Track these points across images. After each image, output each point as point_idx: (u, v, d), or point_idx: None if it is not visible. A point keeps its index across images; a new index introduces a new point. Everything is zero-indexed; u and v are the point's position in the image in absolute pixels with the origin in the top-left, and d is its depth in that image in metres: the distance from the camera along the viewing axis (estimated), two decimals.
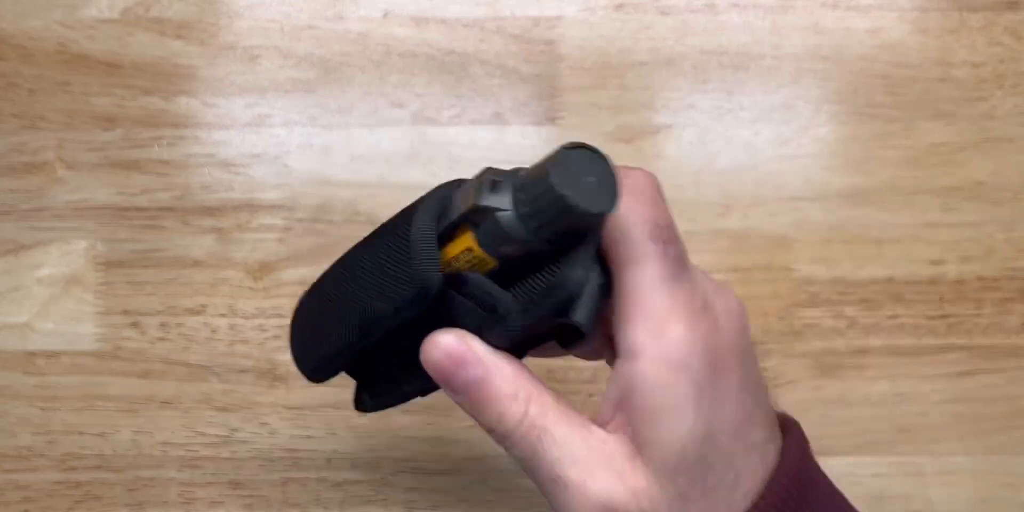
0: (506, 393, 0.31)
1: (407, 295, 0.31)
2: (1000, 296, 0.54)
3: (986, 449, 0.53)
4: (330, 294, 0.35)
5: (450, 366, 0.31)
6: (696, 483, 0.29)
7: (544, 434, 0.30)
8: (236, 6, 0.55)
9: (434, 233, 0.32)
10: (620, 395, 0.30)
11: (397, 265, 0.32)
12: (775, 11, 0.55)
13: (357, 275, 0.34)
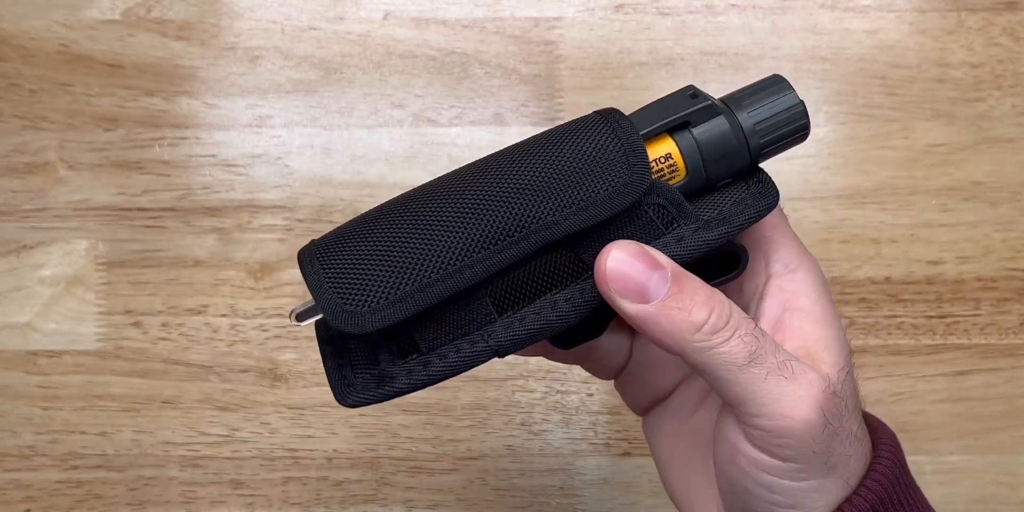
0: (707, 288, 0.29)
1: (618, 205, 0.29)
2: (998, 296, 0.54)
3: (984, 448, 0.53)
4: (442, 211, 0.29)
5: (643, 267, 0.28)
6: (855, 392, 0.31)
7: (757, 325, 0.29)
8: (237, 7, 0.55)
9: (641, 138, 0.31)
10: (787, 307, 0.31)
11: (600, 173, 0.29)
12: (774, 12, 0.55)
13: (511, 187, 0.29)
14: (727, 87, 0.54)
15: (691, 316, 0.28)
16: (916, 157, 0.54)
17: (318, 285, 0.29)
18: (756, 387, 0.29)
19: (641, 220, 0.30)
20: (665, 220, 0.30)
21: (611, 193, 0.29)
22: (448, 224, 0.29)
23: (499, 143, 0.54)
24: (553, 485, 0.53)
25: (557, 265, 0.30)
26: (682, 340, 0.29)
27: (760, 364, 0.29)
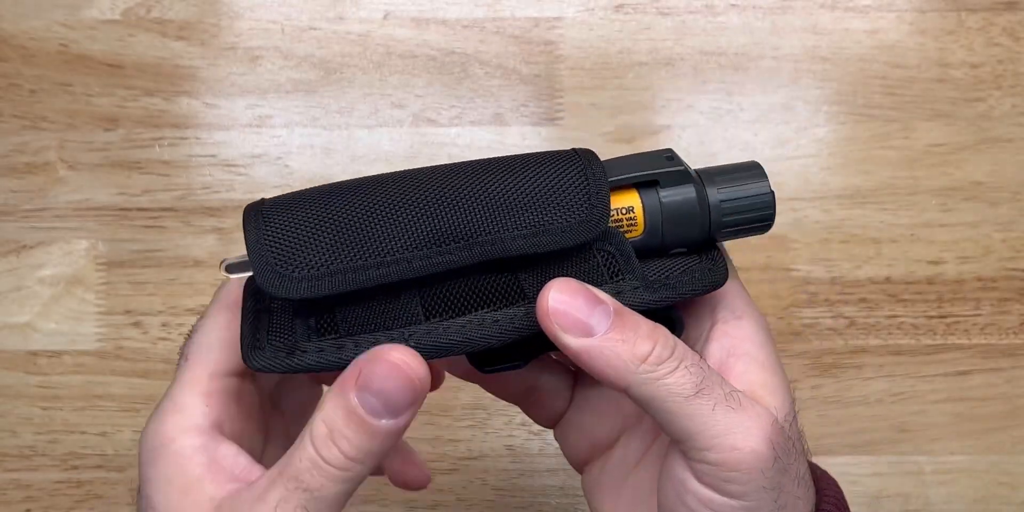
0: (649, 323, 0.29)
1: (569, 239, 0.29)
2: (998, 296, 0.54)
3: (984, 448, 0.53)
4: (397, 201, 0.29)
5: (584, 303, 0.28)
6: (799, 437, 0.31)
7: (701, 358, 0.29)
8: (237, 7, 0.55)
9: (609, 183, 0.31)
10: (732, 351, 0.31)
11: (560, 205, 0.29)
12: (774, 12, 0.55)
13: (469, 195, 0.29)
14: (726, 87, 0.55)
15: (635, 348, 0.28)
16: (916, 157, 0.54)
17: (256, 241, 0.29)
18: (704, 419, 0.28)
19: (588, 263, 0.30)
20: (611, 269, 0.30)
21: (565, 227, 0.29)
22: (399, 215, 0.29)
23: (499, 143, 0.54)
24: (553, 485, 0.53)
25: (496, 286, 0.30)
26: (627, 372, 0.28)
27: (707, 395, 0.28)
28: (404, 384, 0.27)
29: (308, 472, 0.28)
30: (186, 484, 0.29)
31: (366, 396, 0.28)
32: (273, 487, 0.29)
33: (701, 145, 0.54)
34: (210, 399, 0.31)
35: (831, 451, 0.53)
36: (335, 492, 0.28)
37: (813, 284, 0.54)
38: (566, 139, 0.54)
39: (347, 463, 0.28)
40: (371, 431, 0.28)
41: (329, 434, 0.28)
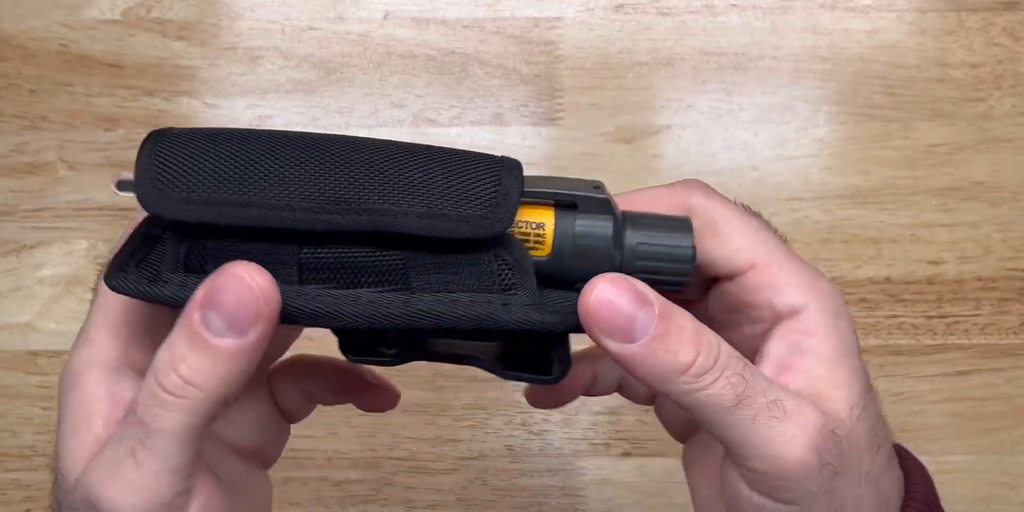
0: (694, 324, 0.28)
1: (464, 231, 0.28)
2: (998, 296, 0.54)
3: (984, 448, 0.53)
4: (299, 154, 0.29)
5: (630, 304, 0.27)
6: (877, 426, 0.29)
7: (748, 364, 0.28)
8: (237, 7, 0.55)
9: (522, 190, 0.30)
10: (792, 349, 0.30)
11: (465, 197, 0.29)
12: (774, 12, 0.55)
13: (374, 164, 0.29)
14: (726, 87, 0.55)
15: (678, 357, 0.27)
16: (916, 157, 0.54)
17: (147, 157, 0.28)
18: (746, 429, 0.28)
19: (481, 266, 0.29)
20: (504, 279, 0.29)
21: (463, 217, 0.28)
22: (297, 167, 0.28)
23: (499, 143, 0.54)
24: (553, 485, 0.53)
25: (380, 265, 0.29)
26: (668, 382, 0.28)
27: (748, 405, 0.27)
28: (247, 298, 0.26)
29: (144, 404, 0.27)
30: (78, 421, 0.28)
31: (208, 314, 0.26)
32: (121, 422, 0.27)
33: (701, 145, 0.54)
34: (118, 332, 0.29)
35: None
36: (174, 425, 0.26)
37: None
38: (566, 139, 0.54)
39: (185, 388, 0.26)
40: (212, 351, 0.26)
41: (168, 361, 0.27)
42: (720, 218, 0.31)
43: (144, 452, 0.26)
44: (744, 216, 0.31)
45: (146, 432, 0.26)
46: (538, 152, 0.54)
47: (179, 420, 0.26)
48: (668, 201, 0.32)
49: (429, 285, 0.29)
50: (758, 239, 0.31)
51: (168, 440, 0.26)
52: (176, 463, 0.27)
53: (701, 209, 0.31)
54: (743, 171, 0.54)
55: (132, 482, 0.26)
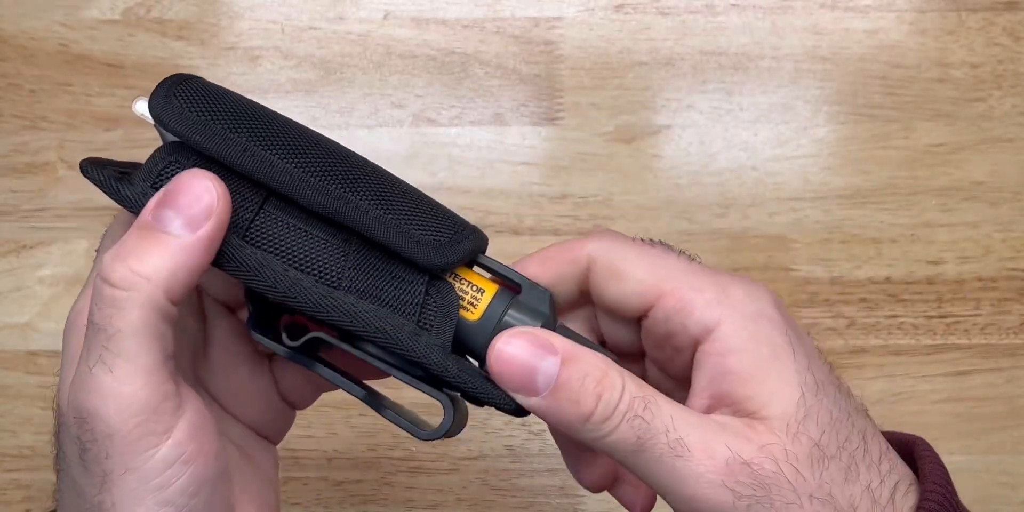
0: (600, 368, 0.28)
1: (422, 258, 0.30)
2: (998, 296, 0.54)
3: (984, 448, 0.53)
4: (325, 158, 0.31)
5: (535, 353, 0.28)
6: (828, 434, 0.28)
7: (651, 403, 0.27)
8: (237, 7, 0.55)
9: (479, 251, 0.31)
10: (713, 374, 0.29)
11: (433, 229, 0.30)
12: (774, 12, 0.55)
13: (369, 184, 0.31)
14: (726, 87, 0.55)
15: (579, 406, 0.27)
16: (916, 157, 0.54)
17: (171, 81, 0.30)
18: (654, 470, 0.27)
19: (409, 291, 0.30)
20: (423, 315, 0.30)
21: (422, 240, 0.30)
22: (303, 152, 0.31)
23: (499, 143, 0.54)
24: (553, 485, 0.53)
25: (323, 252, 0.30)
26: (575, 430, 0.28)
27: (651, 448, 0.27)
28: (203, 196, 0.27)
29: (97, 308, 0.27)
30: (73, 355, 0.29)
31: (162, 211, 0.27)
32: (84, 340, 0.27)
33: (701, 145, 0.54)
34: None
35: None
36: (131, 322, 0.26)
37: (813, 284, 0.54)
38: (566, 139, 0.54)
39: (133, 279, 0.27)
40: (163, 243, 0.27)
41: (115, 257, 0.27)
42: (617, 258, 0.31)
43: (111, 357, 0.26)
44: (641, 249, 0.31)
45: (107, 336, 0.26)
46: (538, 152, 0.54)
47: (135, 317, 0.26)
48: (562, 257, 0.31)
49: (355, 286, 0.30)
50: (658, 268, 0.30)
51: (129, 339, 0.26)
52: (145, 363, 0.27)
53: (598, 254, 0.31)
54: (743, 171, 0.54)
55: (110, 389, 0.26)
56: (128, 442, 0.26)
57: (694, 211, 0.54)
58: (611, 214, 0.54)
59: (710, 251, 0.54)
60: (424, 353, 0.29)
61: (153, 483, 0.27)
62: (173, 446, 0.27)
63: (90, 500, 0.27)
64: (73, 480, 0.28)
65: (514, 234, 0.54)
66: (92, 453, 0.27)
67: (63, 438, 0.28)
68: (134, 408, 0.26)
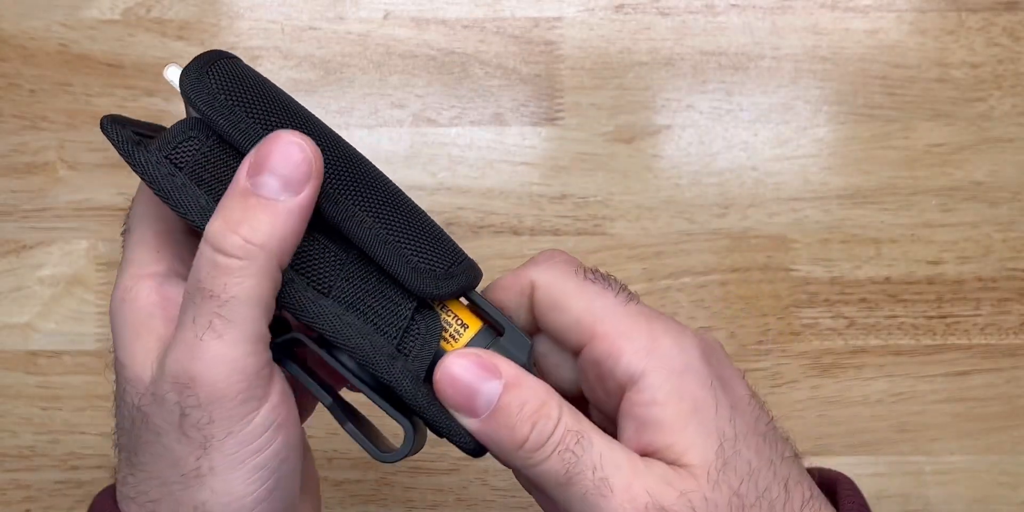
0: (540, 397, 0.29)
1: (415, 285, 0.30)
2: (998, 296, 0.54)
3: (984, 448, 0.53)
4: (348, 171, 0.32)
5: (477, 374, 0.28)
6: (747, 483, 0.28)
7: (583, 439, 0.28)
8: (237, 7, 0.55)
9: (472, 286, 0.32)
10: (637, 424, 0.29)
11: (421, 253, 0.31)
12: (774, 12, 0.55)
13: (383, 211, 0.31)
14: (726, 87, 0.55)
15: (514, 433, 0.28)
16: (916, 157, 0.54)
17: (208, 55, 0.31)
18: (577, 505, 0.28)
19: (395, 311, 0.30)
20: (405, 341, 0.30)
21: (418, 267, 0.30)
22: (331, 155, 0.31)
23: (499, 143, 0.54)
24: None
25: (323, 255, 0.30)
26: (507, 456, 0.28)
27: (578, 483, 0.28)
28: (300, 158, 0.28)
29: (209, 275, 0.27)
30: (138, 326, 0.29)
31: (260, 178, 0.28)
32: (184, 306, 0.28)
33: (701, 145, 0.54)
34: (159, 253, 0.30)
35: (830, 451, 0.53)
36: (246, 290, 0.27)
37: (813, 284, 0.54)
38: (566, 139, 0.54)
39: (248, 249, 0.27)
40: (271, 210, 0.27)
41: (225, 226, 0.27)
42: (555, 289, 0.31)
43: (223, 323, 0.27)
44: (581, 284, 0.31)
45: (219, 303, 0.27)
46: (538, 152, 0.54)
47: (249, 285, 0.27)
48: (513, 286, 0.32)
49: (344, 298, 0.30)
50: (595, 307, 0.30)
51: (243, 306, 0.27)
52: (256, 331, 0.28)
53: (541, 284, 0.31)
54: (743, 171, 0.54)
55: (219, 355, 0.27)
56: (232, 407, 0.27)
57: (694, 211, 0.54)
58: (611, 214, 0.54)
59: (710, 251, 0.54)
60: (397, 378, 0.29)
61: (251, 447, 0.28)
62: (270, 410, 0.28)
63: (186, 467, 0.28)
64: (165, 449, 0.28)
65: (514, 234, 0.54)
66: (193, 419, 0.27)
67: (151, 409, 0.28)
68: (242, 373, 0.27)
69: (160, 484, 0.29)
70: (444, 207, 0.54)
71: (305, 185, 0.28)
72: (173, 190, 0.29)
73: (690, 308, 0.54)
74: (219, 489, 0.28)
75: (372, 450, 0.31)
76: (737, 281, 0.54)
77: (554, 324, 0.31)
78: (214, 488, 0.28)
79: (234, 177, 0.28)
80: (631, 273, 0.54)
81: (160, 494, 0.29)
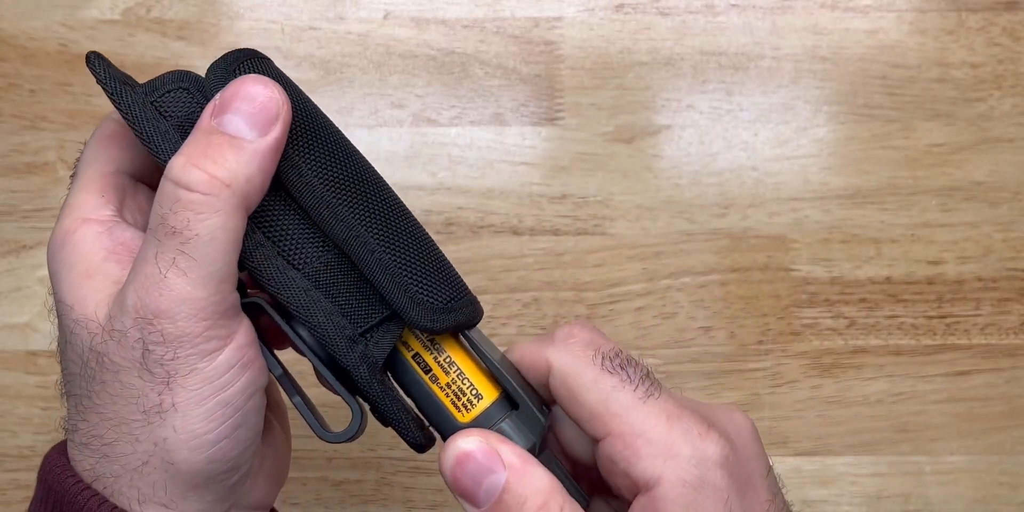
0: (543, 493, 0.28)
1: (410, 315, 0.29)
2: (998, 296, 0.54)
3: (984, 448, 0.53)
4: (357, 185, 0.31)
5: (481, 465, 0.28)
6: None
7: None
8: (237, 7, 0.55)
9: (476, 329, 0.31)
10: None
11: (433, 289, 0.30)
12: (774, 12, 0.55)
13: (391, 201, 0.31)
14: (726, 87, 0.55)
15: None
16: (916, 157, 0.54)
17: (239, 55, 0.30)
18: None
19: (369, 311, 0.30)
20: (372, 332, 0.30)
21: (409, 294, 0.29)
22: (333, 157, 0.31)
23: (499, 143, 0.54)
24: None
25: (322, 254, 0.30)
26: None
27: None
28: (267, 100, 0.27)
29: (171, 211, 0.27)
30: (89, 268, 0.29)
31: (225, 117, 0.27)
32: (146, 243, 0.27)
33: (701, 145, 0.54)
34: (104, 197, 0.30)
35: (831, 451, 0.53)
36: (211, 228, 0.27)
37: (813, 284, 0.54)
38: (566, 139, 0.54)
39: (212, 184, 0.26)
40: (238, 148, 0.27)
41: (187, 161, 0.27)
42: (572, 381, 0.29)
43: (186, 261, 0.27)
44: (599, 375, 0.29)
45: (183, 240, 0.27)
46: (538, 152, 0.54)
47: (213, 223, 0.27)
48: (531, 363, 0.31)
49: (317, 279, 0.29)
50: (610, 402, 0.29)
51: (207, 245, 0.27)
52: (221, 270, 0.27)
53: (557, 369, 0.30)
54: (743, 171, 0.54)
55: (183, 293, 0.27)
56: (196, 344, 0.27)
57: (694, 211, 0.54)
58: (611, 214, 0.54)
59: (710, 251, 0.54)
60: (355, 363, 0.29)
61: (215, 384, 0.28)
62: (235, 349, 0.28)
63: (147, 403, 0.28)
64: (125, 386, 0.28)
65: (514, 234, 0.54)
66: (156, 355, 0.27)
67: (108, 348, 0.28)
68: (206, 312, 0.27)
69: (117, 424, 0.28)
70: (444, 207, 0.54)
71: (272, 126, 0.27)
72: (155, 135, 0.28)
73: (690, 308, 0.54)
74: (180, 426, 0.27)
75: (316, 426, 0.31)
76: (737, 281, 0.54)
77: (569, 413, 0.30)
78: (175, 425, 0.27)
79: (199, 118, 0.27)
80: (631, 273, 0.54)
81: (116, 435, 0.28)
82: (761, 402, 0.53)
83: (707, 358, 0.54)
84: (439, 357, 0.31)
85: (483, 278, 0.53)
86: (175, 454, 0.28)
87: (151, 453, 0.28)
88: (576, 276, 0.54)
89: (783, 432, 0.53)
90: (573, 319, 0.54)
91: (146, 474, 0.28)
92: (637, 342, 0.53)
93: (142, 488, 0.28)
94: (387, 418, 0.30)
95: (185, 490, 0.28)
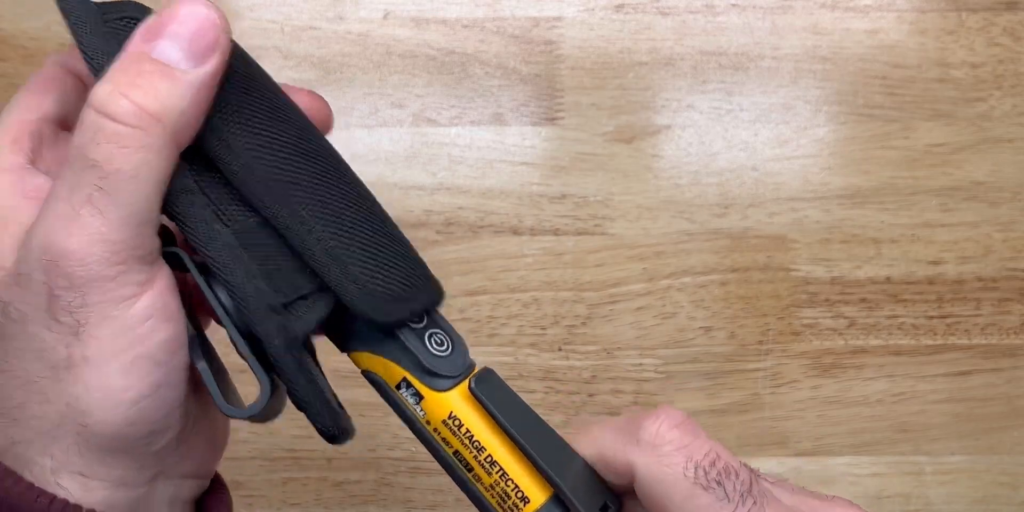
0: None
1: (364, 309, 0.27)
2: (998, 296, 0.54)
3: (984, 448, 0.53)
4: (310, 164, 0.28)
5: None
6: None
7: None
8: (237, 7, 0.55)
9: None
10: None
11: (387, 277, 0.27)
12: (774, 12, 0.55)
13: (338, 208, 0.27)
14: (726, 87, 0.55)
15: None
16: (916, 157, 0.54)
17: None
18: None
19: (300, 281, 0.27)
20: (297, 302, 0.27)
21: (359, 283, 0.27)
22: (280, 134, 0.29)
23: (499, 142, 0.54)
24: None
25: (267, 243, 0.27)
26: None
27: None
28: (207, 25, 0.25)
29: (92, 141, 0.24)
30: (1, 217, 0.26)
31: (158, 42, 0.24)
32: (60, 178, 0.24)
33: (701, 145, 0.54)
34: (17, 144, 0.27)
35: (831, 451, 0.53)
36: (136, 164, 0.24)
37: (813, 284, 0.54)
38: (566, 139, 0.54)
39: (141, 117, 0.24)
40: (171, 78, 0.24)
41: (114, 88, 0.24)
42: (662, 495, 0.26)
43: (104, 198, 0.24)
44: (693, 492, 0.25)
45: (102, 174, 0.24)
46: (538, 152, 0.54)
47: (139, 159, 0.24)
48: (613, 460, 0.27)
49: (247, 234, 0.27)
50: None
51: (130, 181, 0.24)
52: (142, 212, 0.24)
53: (642, 478, 0.26)
54: (743, 171, 0.54)
55: (98, 233, 0.24)
56: (109, 289, 0.24)
57: (694, 211, 0.54)
58: (611, 214, 0.54)
59: (710, 251, 0.54)
60: (270, 333, 0.26)
61: (132, 335, 0.25)
62: (155, 297, 0.25)
63: (56, 357, 0.25)
64: (31, 338, 0.25)
65: (514, 234, 0.54)
66: (64, 301, 0.24)
67: (12, 295, 0.25)
68: (121, 255, 0.24)
69: (25, 383, 0.25)
70: (444, 207, 0.54)
71: (211, 55, 0.25)
72: (100, 53, 0.25)
73: (690, 308, 0.54)
74: (93, 383, 0.24)
75: (218, 397, 0.27)
76: (737, 281, 0.54)
77: None
78: (88, 381, 0.24)
79: (129, 41, 0.25)
80: (631, 273, 0.54)
81: (25, 395, 0.25)
82: (761, 402, 0.53)
83: (707, 358, 0.54)
84: (479, 456, 0.29)
85: (483, 278, 0.53)
86: (89, 414, 0.24)
87: (63, 414, 0.25)
88: (576, 276, 0.54)
89: (783, 432, 0.53)
90: (576, 320, 0.54)
91: (59, 438, 0.25)
92: (637, 342, 0.53)
93: (56, 455, 0.25)
94: (300, 400, 0.27)
95: (102, 455, 0.25)
